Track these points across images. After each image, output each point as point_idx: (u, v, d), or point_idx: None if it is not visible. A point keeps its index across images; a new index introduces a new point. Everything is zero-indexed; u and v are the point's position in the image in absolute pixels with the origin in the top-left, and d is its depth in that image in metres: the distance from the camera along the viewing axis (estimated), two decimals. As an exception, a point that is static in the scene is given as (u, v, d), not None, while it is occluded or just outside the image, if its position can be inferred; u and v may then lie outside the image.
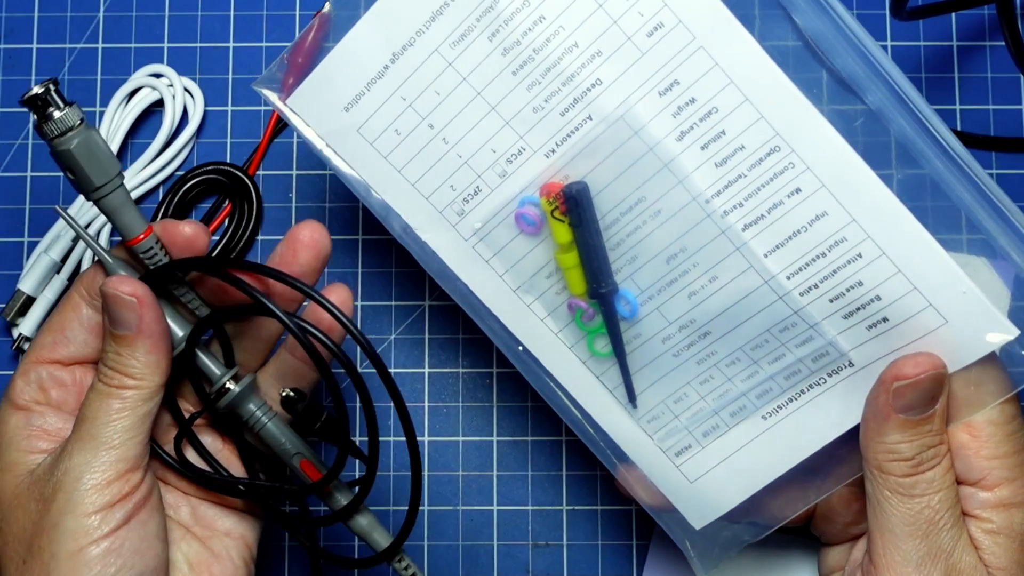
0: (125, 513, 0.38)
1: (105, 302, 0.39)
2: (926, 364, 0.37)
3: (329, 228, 0.54)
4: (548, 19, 0.37)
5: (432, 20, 0.38)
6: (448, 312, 0.53)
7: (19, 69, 0.55)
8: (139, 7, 0.55)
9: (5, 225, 0.54)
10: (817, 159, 0.36)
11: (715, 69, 0.36)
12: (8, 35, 0.55)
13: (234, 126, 0.55)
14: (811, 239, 0.36)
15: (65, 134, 0.38)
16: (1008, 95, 0.55)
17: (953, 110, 0.55)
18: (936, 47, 0.56)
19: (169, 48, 0.55)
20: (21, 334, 0.53)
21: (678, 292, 0.38)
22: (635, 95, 0.37)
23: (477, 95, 0.38)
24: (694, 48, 0.36)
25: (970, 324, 0.36)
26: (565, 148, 0.38)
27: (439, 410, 0.53)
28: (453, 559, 0.52)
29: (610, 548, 0.52)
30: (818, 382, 0.39)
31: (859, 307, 0.37)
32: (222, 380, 0.41)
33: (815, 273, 0.37)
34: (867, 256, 0.36)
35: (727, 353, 0.39)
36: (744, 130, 0.36)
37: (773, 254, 0.37)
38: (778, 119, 0.36)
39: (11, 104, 0.55)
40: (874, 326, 0.37)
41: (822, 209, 0.36)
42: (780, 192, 0.36)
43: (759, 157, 0.36)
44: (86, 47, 0.55)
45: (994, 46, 0.55)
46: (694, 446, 0.41)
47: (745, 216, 0.37)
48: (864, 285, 0.36)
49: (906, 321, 0.36)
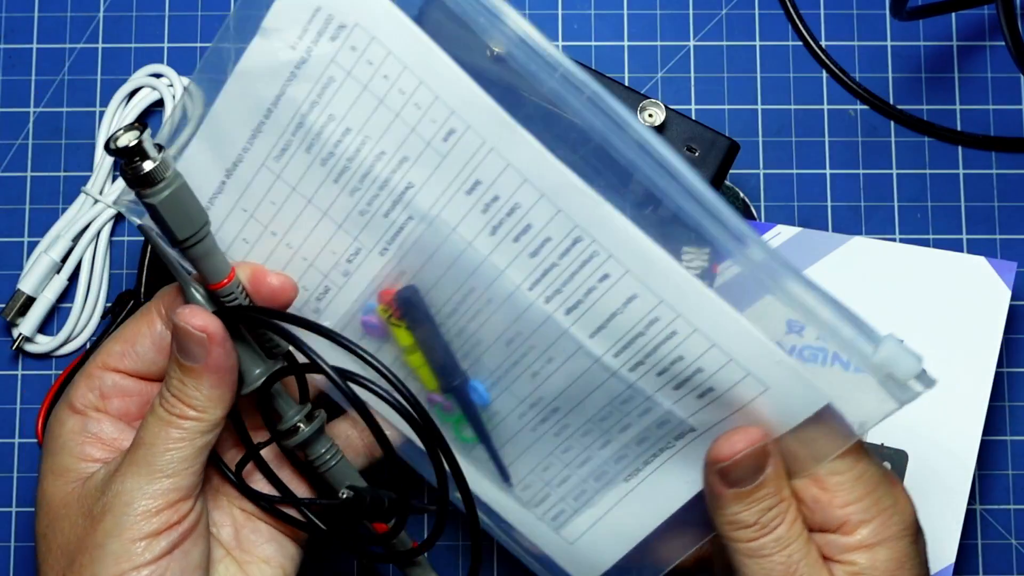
0: (170, 542, 0.38)
1: (175, 332, 0.38)
2: (742, 442, 0.38)
3: (329, 228, 0.54)
4: (354, 130, 0.39)
5: (253, 137, 0.39)
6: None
7: (19, 69, 0.55)
8: (139, 7, 0.56)
9: (5, 225, 0.54)
10: (617, 247, 0.37)
11: (509, 168, 0.38)
12: (8, 35, 0.55)
13: (234, 126, 0.55)
14: (627, 320, 0.38)
15: (155, 185, 0.36)
16: (1008, 95, 0.55)
17: (953, 110, 0.55)
18: (936, 47, 0.56)
19: (169, 48, 0.55)
20: (21, 334, 0.53)
21: (522, 373, 0.40)
22: (445, 195, 0.39)
23: (308, 202, 0.40)
24: (487, 150, 0.38)
25: (790, 390, 0.38)
26: (396, 246, 0.40)
27: (439, 410, 0.53)
28: (453, 559, 0.52)
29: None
30: (667, 445, 0.40)
31: (685, 379, 0.38)
32: (293, 420, 0.40)
33: (638, 351, 0.38)
34: (681, 333, 0.38)
35: (579, 425, 0.41)
36: (547, 223, 0.38)
37: (597, 335, 0.39)
38: (574, 212, 0.37)
39: (11, 104, 0.55)
40: (703, 395, 0.38)
41: (631, 292, 0.38)
42: (591, 278, 0.38)
43: (566, 247, 0.38)
44: (86, 47, 0.55)
45: (994, 46, 0.56)
46: (567, 511, 0.43)
47: (565, 301, 0.39)
48: (685, 359, 0.38)
49: (730, 390, 0.38)
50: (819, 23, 0.56)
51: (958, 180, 0.54)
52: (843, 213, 0.54)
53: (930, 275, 0.50)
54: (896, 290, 0.50)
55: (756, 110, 0.55)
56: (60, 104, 0.55)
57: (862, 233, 0.54)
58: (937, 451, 0.49)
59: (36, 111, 0.55)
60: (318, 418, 0.41)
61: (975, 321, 0.49)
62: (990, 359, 0.49)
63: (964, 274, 0.50)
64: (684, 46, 0.55)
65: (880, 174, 0.54)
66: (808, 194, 0.54)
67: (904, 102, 0.55)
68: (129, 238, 0.54)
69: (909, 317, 0.50)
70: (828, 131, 0.55)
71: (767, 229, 0.52)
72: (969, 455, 0.48)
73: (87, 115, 0.55)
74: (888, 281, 0.51)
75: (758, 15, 0.56)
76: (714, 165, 0.48)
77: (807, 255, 0.52)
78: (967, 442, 0.48)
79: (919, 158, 0.54)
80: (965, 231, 0.54)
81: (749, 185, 0.54)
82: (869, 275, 0.51)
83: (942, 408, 0.49)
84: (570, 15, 0.56)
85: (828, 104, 0.55)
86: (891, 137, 0.55)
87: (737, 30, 0.55)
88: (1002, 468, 0.52)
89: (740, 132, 0.54)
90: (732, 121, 0.55)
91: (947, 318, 0.50)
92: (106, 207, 0.53)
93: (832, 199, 0.54)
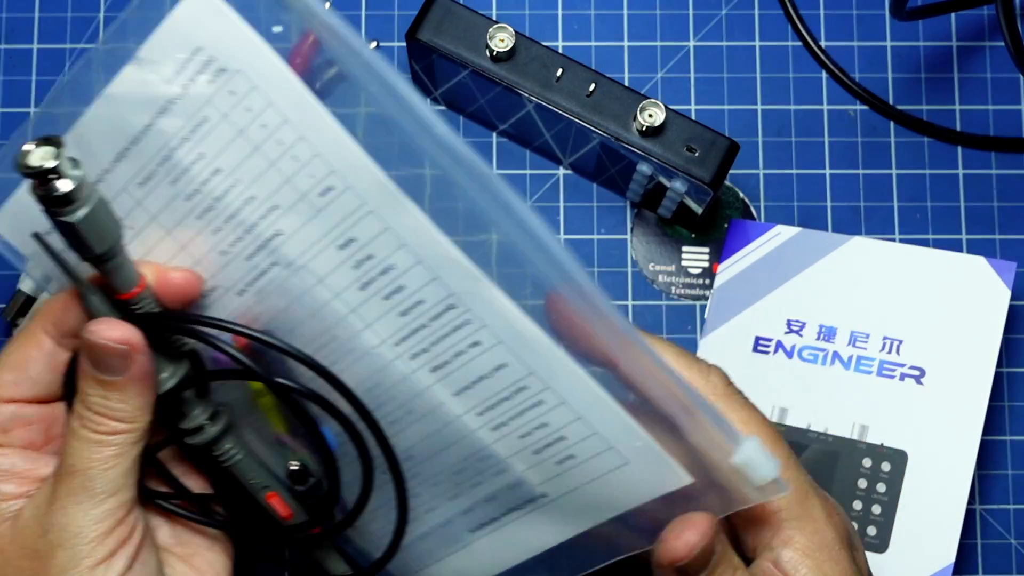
0: (128, 557, 0.37)
1: (90, 348, 0.36)
2: (695, 536, 0.36)
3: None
4: (224, 171, 0.38)
5: (117, 160, 0.38)
6: (448, 312, 0.53)
7: (19, 69, 0.55)
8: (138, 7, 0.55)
9: (5, 225, 0.54)
10: (493, 319, 0.37)
11: (388, 232, 0.37)
12: (8, 35, 0.55)
13: (234, 126, 0.55)
14: (496, 384, 0.38)
15: (72, 204, 0.33)
16: (1008, 95, 0.55)
17: (953, 110, 0.55)
18: (936, 47, 0.56)
19: (169, 48, 0.55)
20: (21, 334, 0.53)
21: (379, 421, 0.40)
22: (315, 247, 0.38)
23: (167, 234, 0.39)
24: (365, 212, 0.37)
25: (649, 468, 0.37)
26: (255, 289, 0.39)
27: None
28: (453, 559, 0.52)
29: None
30: (517, 507, 0.40)
31: (547, 444, 0.38)
32: (199, 419, 0.40)
33: (503, 413, 0.38)
34: (548, 403, 0.38)
35: (431, 475, 0.41)
36: (421, 287, 0.37)
37: (462, 394, 0.38)
38: (452, 282, 0.37)
39: (11, 104, 0.55)
40: (562, 462, 0.38)
41: (502, 361, 0.37)
42: (461, 343, 0.38)
43: (438, 312, 0.37)
44: (86, 47, 0.55)
45: (994, 46, 0.56)
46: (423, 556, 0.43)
47: (432, 360, 0.38)
48: (549, 426, 0.38)
49: (591, 459, 0.38)
50: (819, 23, 0.56)
51: (958, 180, 0.54)
52: (843, 213, 0.54)
53: (930, 275, 0.50)
54: (896, 290, 0.50)
55: (756, 110, 0.55)
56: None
57: (862, 233, 0.54)
58: (937, 451, 0.49)
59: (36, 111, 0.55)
60: (223, 415, 0.40)
61: (975, 321, 0.49)
62: (990, 359, 0.49)
63: (964, 274, 0.50)
64: (684, 46, 0.55)
65: (880, 174, 0.54)
66: (808, 194, 0.54)
67: (904, 102, 0.55)
68: (129, 238, 0.54)
69: (909, 317, 0.50)
70: (828, 131, 0.55)
71: (767, 229, 0.52)
72: (969, 455, 0.48)
73: (87, 115, 0.55)
74: (888, 281, 0.51)
75: (758, 15, 0.56)
76: (714, 165, 0.48)
77: (807, 255, 0.52)
78: (967, 442, 0.48)
79: (919, 158, 0.54)
80: (965, 231, 0.54)
81: (749, 185, 0.54)
82: (869, 275, 0.51)
83: (941, 408, 0.49)
84: (570, 15, 0.56)
85: (828, 104, 0.55)
86: (891, 137, 0.55)
87: (737, 30, 0.56)
88: (1002, 468, 0.52)
89: (740, 132, 0.54)
90: (732, 121, 0.55)
91: (947, 318, 0.50)
92: (106, 207, 0.53)
93: (832, 199, 0.54)
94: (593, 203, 0.54)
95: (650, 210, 0.54)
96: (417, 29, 0.49)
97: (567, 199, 0.54)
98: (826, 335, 0.51)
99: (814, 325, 0.51)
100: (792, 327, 0.51)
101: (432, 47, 0.49)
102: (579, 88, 0.49)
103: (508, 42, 0.49)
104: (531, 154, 0.54)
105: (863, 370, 0.50)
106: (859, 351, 0.50)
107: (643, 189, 0.52)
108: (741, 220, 0.53)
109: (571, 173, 0.54)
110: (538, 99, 0.49)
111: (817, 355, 0.51)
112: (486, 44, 0.49)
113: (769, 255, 0.52)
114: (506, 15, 0.55)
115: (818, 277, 0.51)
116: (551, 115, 0.49)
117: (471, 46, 0.49)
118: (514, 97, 0.50)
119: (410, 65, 0.53)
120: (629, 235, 0.54)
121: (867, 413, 0.49)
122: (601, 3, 0.56)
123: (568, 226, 0.54)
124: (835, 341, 0.50)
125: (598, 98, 0.49)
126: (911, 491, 0.49)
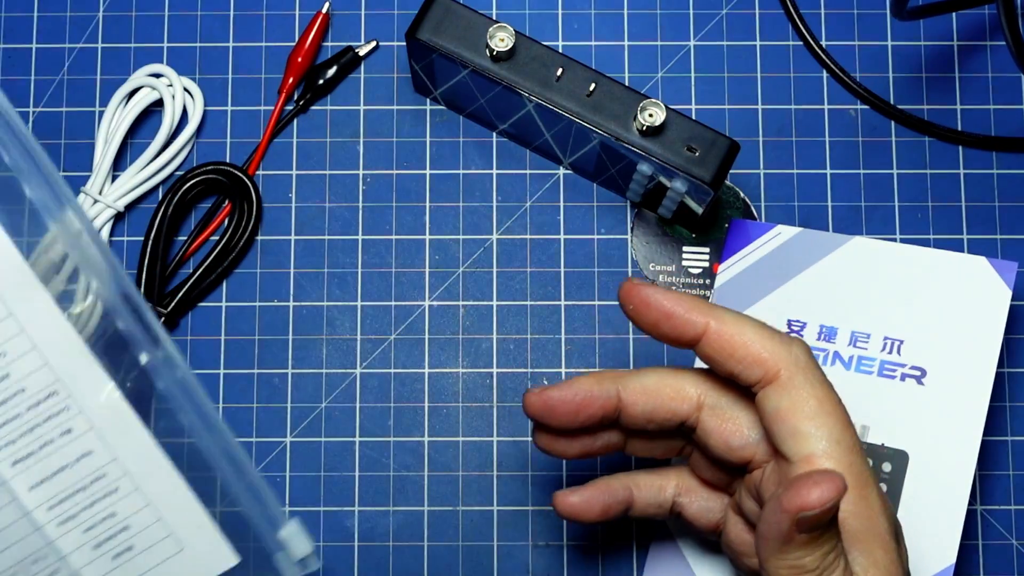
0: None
1: None
2: (831, 491, 0.36)
3: (329, 228, 0.54)
4: None
5: None
6: (448, 312, 0.53)
7: (19, 69, 0.55)
8: (139, 7, 0.55)
9: (5, 225, 0.54)
10: (90, 403, 0.38)
11: (10, 318, 0.38)
12: (8, 35, 0.55)
13: (234, 126, 0.55)
14: (75, 475, 0.39)
15: None
16: (1009, 95, 0.55)
17: (954, 110, 0.55)
18: (936, 47, 0.56)
19: (169, 48, 0.55)
20: (21, 334, 0.53)
21: None
22: None
23: None
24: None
25: (203, 551, 0.40)
26: None
27: (439, 410, 0.53)
28: (453, 559, 0.52)
29: (610, 549, 0.52)
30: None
31: (109, 536, 0.40)
32: None
33: (74, 505, 0.39)
34: (123, 490, 0.39)
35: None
36: (29, 374, 0.38)
37: (37, 488, 0.39)
38: (60, 366, 0.38)
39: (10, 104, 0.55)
40: (119, 555, 0.40)
41: (89, 448, 0.39)
42: (53, 431, 0.39)
43: (38, 399, 0.38)
44: (86, 47, 0.55)
45: (995, 46, 0.55)
46: None
47: (15, 453, 0.39)
48: (117, 516, 0.39)
49: (148, 549, 0.40)
50: (819, 23, 0.56)
51: (959, 180, 0.54)
52: (843, 213, 0.54)
53: (930, 275, 0.50)
54: (896, 290, 0.50)
55: (756, 110, 0.55)
56: (60, 104, 0.55)
57: (862, 233, 0.53)
58: (937, 451, 0.48)
59: (35, 111, 0.55)
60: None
61: (975, 321, 0.49)
62: (990, 359, 0.49)
63: (964, 274, 0.50)
64: (684, 46, 0.55)
65: (880, 174, 0.54)
66: (808, 194, 0.54)
67: (905, 102, 0.55)
68: (129, 238, 0.54)
69: (909, 317, 0.50)
70: (828, 131, 0.55)
71: (768, 229, 0.52)
72: (969, 455, 0.48)
73: (87, 115, 0.55)
74: (888, 281, 0.51)
75: (758, 15, 0.56)
76: (714, 165, 0.48)
77: (807, 255, 0.52)
78: (967, 442, 0.48)
79: (920, 158, 0.54)
80: (966, 231, 0.54)
81: (749, 185, 0.54)
82: (869, 275, 0.51)
83: (942, 408, 0.49)
84: (570, 15, 0.56)
85: (828, 104, 0.55)
86: (891, 137, 0.55)
87: (737, 30, 0.55)
88: (1003, 468, 0.52)
89: (740, 132, 0.54)
90: (732, 121, 0.55)
91: (947, 318, 0.50)
92: (106, 207, 0.52)
93: (832, 199, 0.54)
94: (593, 203, 0.54)
95: (650, 210, 0.54)
96: (417, 29, 0.49)
97: (567, 199, 0.54)
98: (827, 335, 0.50)
99: (815, 325, 0.51)
100: (793, 327, 0.51)
101: (432, 47, 0.49)
102: (579, 88, 0.49)
103: (508, 42, 0.49)
104: (531, 154, 0.54)
105: (864, 370, 0.50)
106: (860, 351, 0.50)
107: (643, 189, 0.52)
108: (742, 220, 0.53)
109: (571, 173, 0.54)
110: (538, 99, 0.49)
111: (818, 355, 0.50)
112: (486, 44, 0.49)
113: (770, 255, 0.52)
114: (506, 15, 0.55)
115: (819, 277, 0.51)
116: (551, 115, 0.49)
117: (471, 46, 0.49)
118: (514, 97, 0.50)
119: (410, 65, 0.53)
120: (629, 235, 0.54)
121: (868, 413, 0.49)
122: (601, 2, 0.56)
123: (568, 226, 0.54)
124: (836, 341, 0.50)
125: (598, 98, 0.49)
126: (912, 491, 0.49)
